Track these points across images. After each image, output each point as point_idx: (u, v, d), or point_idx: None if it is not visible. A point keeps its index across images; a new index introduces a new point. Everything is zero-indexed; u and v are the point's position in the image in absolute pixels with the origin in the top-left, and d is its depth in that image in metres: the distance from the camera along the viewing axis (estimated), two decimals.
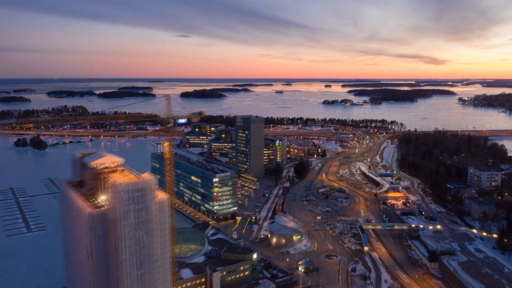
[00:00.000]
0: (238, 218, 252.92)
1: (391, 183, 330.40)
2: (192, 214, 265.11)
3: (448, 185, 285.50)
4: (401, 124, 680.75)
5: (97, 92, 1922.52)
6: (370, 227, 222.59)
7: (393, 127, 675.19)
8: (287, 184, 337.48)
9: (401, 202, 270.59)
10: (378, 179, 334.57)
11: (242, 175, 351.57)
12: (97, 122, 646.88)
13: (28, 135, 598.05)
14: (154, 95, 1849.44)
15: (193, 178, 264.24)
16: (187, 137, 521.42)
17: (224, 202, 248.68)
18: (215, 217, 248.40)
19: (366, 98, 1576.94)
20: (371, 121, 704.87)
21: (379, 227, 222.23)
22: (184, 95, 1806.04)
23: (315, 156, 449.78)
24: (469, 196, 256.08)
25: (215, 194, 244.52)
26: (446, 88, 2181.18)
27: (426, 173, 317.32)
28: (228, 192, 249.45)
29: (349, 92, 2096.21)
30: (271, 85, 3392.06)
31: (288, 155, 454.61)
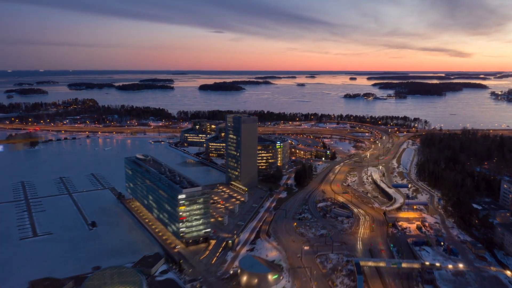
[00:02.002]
0: (212, 242, 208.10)
1: (407, 195, 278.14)
2: (160, 233, 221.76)
3: (475, 205, 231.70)
4: (425, 122, 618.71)
5: (116, 84, 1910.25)
6: (370, 263, 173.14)
7: (416, 125, 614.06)
8: (284, 195, 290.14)
9: (415, 225, 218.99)
10: (391, 191, 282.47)
11: (232, 182, 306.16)
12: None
13: (26, 130, 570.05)
14: (172, 88, 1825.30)
15: (160, 192, 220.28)
16: (185, 135, 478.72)
17: (194, 223, 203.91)
18: (183, 240, 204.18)
19: (391, 92, 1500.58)
20: (392, 118, 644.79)
21: (382, 264, 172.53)
22: (203, 87, 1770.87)
23: (323, 158, 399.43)
24: (502, 222, 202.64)
25: (181, 213, 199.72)
26: (477, 82, 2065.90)
27: (449, 185, 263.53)
28: (198, 211, 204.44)
29: (374, 85, 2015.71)
30: (294, 77, 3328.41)
31: (293, 157, 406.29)
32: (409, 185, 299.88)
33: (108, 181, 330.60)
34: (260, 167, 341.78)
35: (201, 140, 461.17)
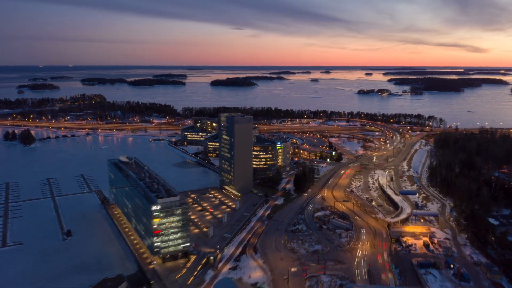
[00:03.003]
0: (192, 257, 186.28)
1: (415, 204, 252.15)
2: (138, 246, 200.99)
3: (491, 219, 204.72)
4: (440, 120, 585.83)
5: (129, 79, 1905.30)
6: None
7: (430, 123, 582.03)
8: (280, 201, 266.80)
9: (422, 241, 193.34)
10: (398, 198, 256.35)
11: (225, 187, 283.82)
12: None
13: (26, 127, 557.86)
14: (184, 83, 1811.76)
15: (137, 200, 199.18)
16: (185, 133, 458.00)
17: (170, 237, 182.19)
18: (160, 256, 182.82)
19: (407, 88, 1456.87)
20: (405, 115, 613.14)
21: None
22: (214, 83, 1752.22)
23: (328, 160, 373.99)
24: None
25: (155, 227, 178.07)
26: (497, 77, 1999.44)
27: (462, 194, 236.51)
28: (175, 224, 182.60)
29: (390, 80, 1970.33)
30: (309, 73, 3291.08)
31: (296, 159, 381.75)
32: (417, 194, 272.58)
33: (97, 183, 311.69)
34: (258, 169, 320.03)
35: (201, 139, 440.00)
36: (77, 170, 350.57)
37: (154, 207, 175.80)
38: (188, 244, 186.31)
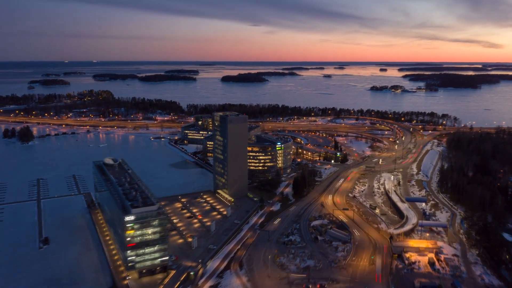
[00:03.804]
0: (172, 272, 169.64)
1: (423, 212, 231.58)
2: (116, 257, 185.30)
3: (506, 234, 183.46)
4: (455, 119, 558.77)
5: (140, 75, 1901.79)
6: None
7: (444, 121, 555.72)
8: (277, 207, 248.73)
9: (427, 258, 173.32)
10: (403, 206, 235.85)
11: (219, 191, 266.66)
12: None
13: (28, 123, 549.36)
14: (194, 79, 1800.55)
15: (113, 208, 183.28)
16: (186, 131, 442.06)
17: (146, 251, 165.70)
18: (136, 270, 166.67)
19: (422, 84, 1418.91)
20: (417, 113, 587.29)
21: None
22: (225, 79, 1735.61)
23: (332, 161, 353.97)
24: None
25: (128, 239, 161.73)
26: None
27: (474, 203, 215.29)
28: (152, 236, 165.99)
29: (404, 76, 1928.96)
30: (322, 68, 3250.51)
31: (299, 160, 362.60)
32: (425, 202, 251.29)
33: (88, 184, 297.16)
34: (257, 171, 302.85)
35: (202, 137, 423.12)
36: (70, 170, 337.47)
37: (127, 218, 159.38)
38: (166, 258, 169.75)
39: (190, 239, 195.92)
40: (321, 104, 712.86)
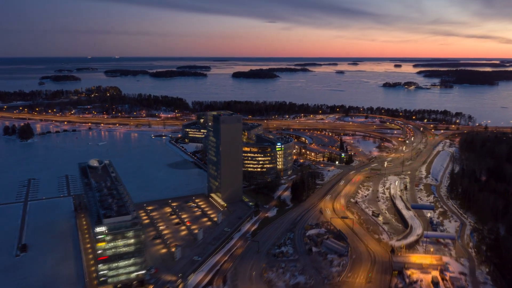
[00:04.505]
0: None
1: (430, 221, 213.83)
2: (93, 269, 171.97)
3: None
4: (469, 117, 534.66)
5: (151, 71, 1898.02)
6: None
7: (457, 120, 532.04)
8: (272, 213, 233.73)
9: (430, 276, 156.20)
10: (408, 214, 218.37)
11: (212, 195, 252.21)
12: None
13: (31, 120, 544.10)
14: (205, 75, 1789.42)
15: (88, 216, 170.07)
16: (186, 129, 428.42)
17: (121, 264, 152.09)
18: (110, 285, 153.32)
19: (437, 81, 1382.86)
20: (430, 111, 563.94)
21: None
22: (236, 75, 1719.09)
23: (336, 162, 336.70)
24: None
25: (100, 252, 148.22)
26: None
27: (486, 213, 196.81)
28: (126, 249, 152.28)
29: (419, 73, 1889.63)
30: (335, 64, 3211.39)
31: (301, 160, 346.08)
32: (432, 209, 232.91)
33: (80, 185, 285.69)
34: (255, 173, 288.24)
35: (203, 136, 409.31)
36: (63, 169, 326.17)
37: (98, 229, 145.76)
38: (143, 271, 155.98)
39: (173, 248, 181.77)
40: (330, 101, 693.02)
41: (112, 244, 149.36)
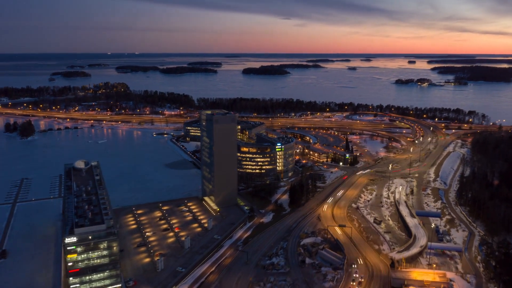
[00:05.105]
0: None
1: (436, 229, 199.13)
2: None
3: None
4: (483, 116, 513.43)
5: (161, 67, 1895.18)
6: None
7: (470, 119, 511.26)
8: (268, 218, 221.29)
9: None
10: (413, 222, 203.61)
11: (205, 198, 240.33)
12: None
13: (35, 117, 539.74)
14: (215, 72, 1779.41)
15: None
16: (188, 128, 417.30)
17: (94, 277, 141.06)
18: None
19: (451, 77, 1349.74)
20: (441, 110, 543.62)
21: None
22: (246, 71, 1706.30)
23: (341, 163, 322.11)
24: None
25: (70, 264, 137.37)
26: None
27: (496, 223, 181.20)
28: (99, 261, 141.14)
29: (433, 69, 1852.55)
30: (348, 60, 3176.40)
31: (304, 161, 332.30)
32: (439, 216, 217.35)
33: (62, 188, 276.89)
34: (254, 175, 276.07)
35: None
36: (59, 168, 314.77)
37: (68, 240, 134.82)
38: (118, 285, 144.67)
39: (157, 257, 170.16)
40: (340, 99, 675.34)
41: (84, 255, 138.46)
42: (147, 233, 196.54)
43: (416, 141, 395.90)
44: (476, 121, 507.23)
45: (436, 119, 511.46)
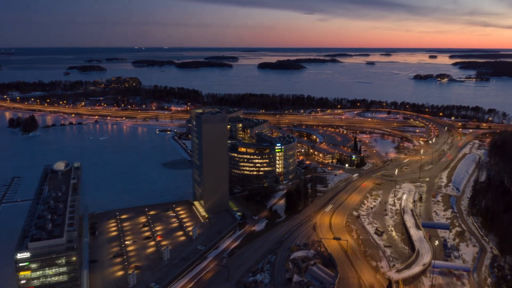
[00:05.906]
0: None
1: (444, 243, 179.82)
2: None
3: None
4: (504, 114, 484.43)
5: (177, 62, 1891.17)
6: None
7: (490, 118, 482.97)
8: (261, 226, 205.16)
9: None
10: (417, 234, 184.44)
11: (195, 202, 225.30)
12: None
13: (41, 112, 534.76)
14: (231, 66, 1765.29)
15: None
16: (190, 125, 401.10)
17: None
18: None
19: (472, 73, 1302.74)
20: (459, 107, 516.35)
21: None
22: (262, 66, 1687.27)
23: (346, 165, 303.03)
24: None
25: (23, 282, 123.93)
26: None
27: (510, 241, 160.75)
28: (57, 278, 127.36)
29: (455, 64, 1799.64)
30: (367, 55, 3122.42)
31: (308, 162, 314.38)
32: (449, 228, 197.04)
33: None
34: (251, 177, 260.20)
35: None
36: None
37: (19, 255, 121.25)
38: None
39: (130, 271, 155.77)
40: (353, 95, 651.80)
41: (39, 272, 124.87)
42: (126, 242, 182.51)
43: (430, 142, 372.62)
44: (496, 120, 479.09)
45: (453, 118, 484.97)
